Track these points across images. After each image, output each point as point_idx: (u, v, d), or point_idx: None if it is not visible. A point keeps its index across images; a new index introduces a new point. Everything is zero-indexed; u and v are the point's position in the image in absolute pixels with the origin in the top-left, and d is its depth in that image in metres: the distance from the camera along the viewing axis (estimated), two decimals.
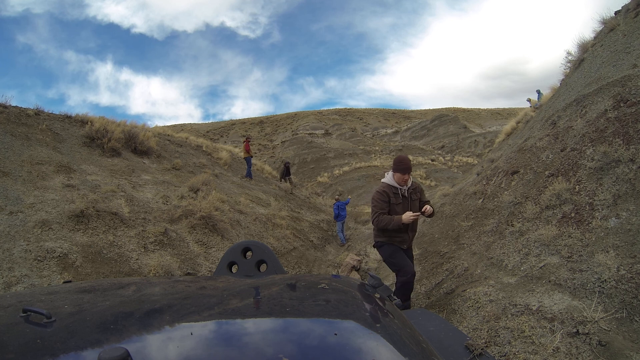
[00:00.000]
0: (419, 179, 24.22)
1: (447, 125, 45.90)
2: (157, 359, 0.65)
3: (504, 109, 66.97)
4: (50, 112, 8.27)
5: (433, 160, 31.10)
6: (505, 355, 2.27)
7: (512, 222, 3.82)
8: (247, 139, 13.31)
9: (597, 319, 2.19)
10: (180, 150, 11.16)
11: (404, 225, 3.01)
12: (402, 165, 3.05)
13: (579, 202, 3.22)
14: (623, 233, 2.65)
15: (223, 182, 10.16)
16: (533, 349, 2.22)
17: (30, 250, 3.95)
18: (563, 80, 7.16)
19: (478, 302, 2.96)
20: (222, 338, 0.75)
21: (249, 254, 1.65)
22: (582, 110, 4.29)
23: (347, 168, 29.27)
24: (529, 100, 14.17)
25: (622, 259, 2.47)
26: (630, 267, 2.38)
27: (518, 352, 2.25)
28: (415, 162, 28.38)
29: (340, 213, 10.18)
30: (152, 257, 4.80)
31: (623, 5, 6.13)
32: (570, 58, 7.21)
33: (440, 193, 9.04)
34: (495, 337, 2.47)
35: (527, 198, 3.97)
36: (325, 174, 29.49)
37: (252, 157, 13.13)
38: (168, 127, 40.92)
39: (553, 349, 2.14)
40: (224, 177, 11.03)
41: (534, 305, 2.55)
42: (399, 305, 1.16)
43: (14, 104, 7.51)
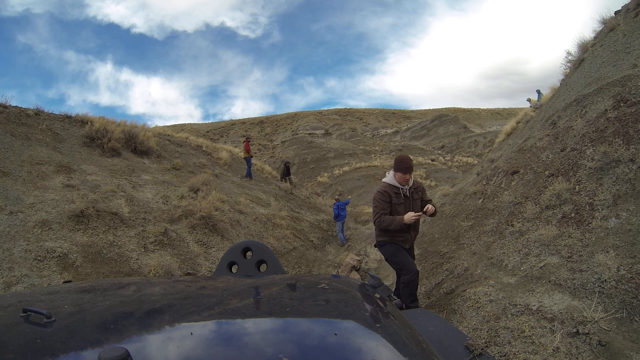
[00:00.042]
0: (419, 179, 24.18)
1: (447, 125, 45.86)
2: (157, 359, 0.65)
3: (504, 109, 66.90)
4: (50, 112, 8.28)
5: (433, 160, 31.09)
6: (505, 355, 2.27)
7: (512, 222, 3.82)
8: (247, 139, 13.30)
9: (597, 319, 2.18)
10: (180, 150, 11.15)
11: (406, 225, 3.01)
12: (403, 165, 3.03)
13: (579, 202, 3.22)
14: (623, 233, 2.65)
15: (223, 182, 10.16)
16: (533, 349, 2.22)
17: (30, 250, 3.95)
18: (563, 80, 7.16)
19: (478, 302, 2.96)
20: (222, 338, 0.75)
21: (249, 254, 1.65)
22: (582, 110, 4.29)
23: (347, 168, 29.24)
24: (529, 100, 14.16)
25: (622, 259, 2.47)
26: (630, 267, 2.38)
27: (518, 352, 2.25)
28: (415, 162, 28.37)
29: (340, 213, 10.18)
30: (152, 257, 4.80)
31: (623, 5, 6.13)
32: (570, 58, 7.21)
33: (440, 193, 9.04)
34: (495, 337, 2.47)
35: (527, 198, 3.97)
36: (325, 174, 29.46)
37: (252, 157, 13.12)
38: (168, 127, 40.90)
39: (553, 349, 2.14)
40: (224, 177, 11.03)
41: (534, 305, 2.55)
42: (410, 303, 1.16)
43: (14, 104, 7.51)
